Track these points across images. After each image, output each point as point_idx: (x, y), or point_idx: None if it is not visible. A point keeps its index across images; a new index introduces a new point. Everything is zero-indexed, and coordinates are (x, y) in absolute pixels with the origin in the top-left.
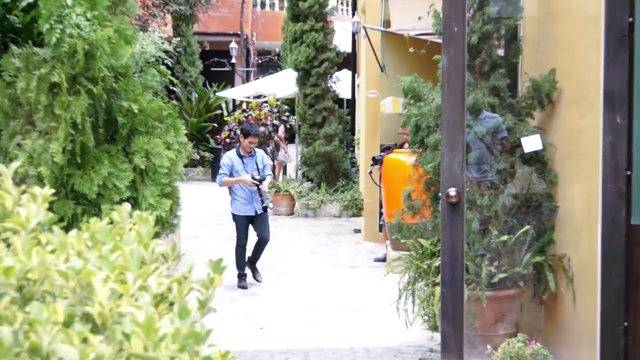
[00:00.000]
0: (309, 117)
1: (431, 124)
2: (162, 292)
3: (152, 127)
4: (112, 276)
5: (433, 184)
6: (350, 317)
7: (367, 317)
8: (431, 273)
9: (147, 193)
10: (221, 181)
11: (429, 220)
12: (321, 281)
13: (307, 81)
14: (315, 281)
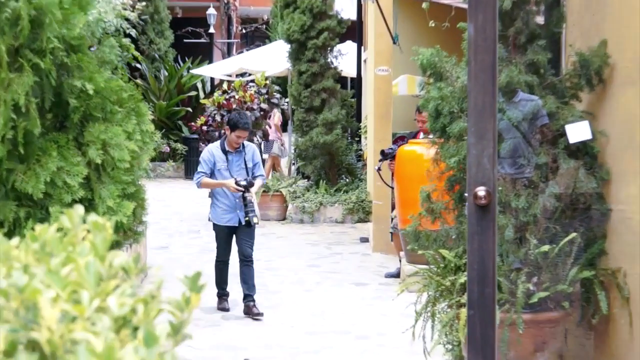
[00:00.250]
0: (305, 100)
1: (455, 109)
2: (124, 315)
3: (111, 112)
4: (63, 295)
5: (457, 182)
6: (356, 346)
7: (376, 345)
8: (455, 291)
9: (105, 193)
10: (199, 182)
11: (452, 227)
12: (320, 302)
13: (302, 56)
14: (313, 302)
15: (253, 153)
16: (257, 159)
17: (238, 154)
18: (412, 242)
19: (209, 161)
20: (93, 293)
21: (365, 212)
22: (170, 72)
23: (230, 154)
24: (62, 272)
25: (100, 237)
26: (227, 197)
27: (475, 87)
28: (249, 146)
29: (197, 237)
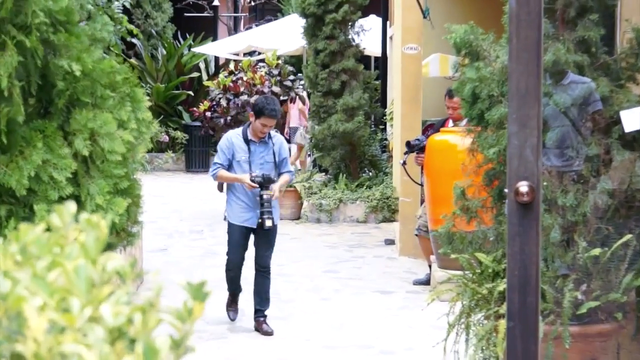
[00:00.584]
0: (322, 83)
1: (494, 92)
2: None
3: (101, 97)
4: (51, 303)
5: (497, 176)
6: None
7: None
8: (493, 301)
9: (93, 189)
10: (215, 174)
11: (490, 228)
12: (339, 312)
13: (319, 32)
14: (331, 312)
15: (280, 146)
16: (284, 154)
17: (263, 145)
18: (445, 244)
19: (228, 150)
20: (84, 301)
21: (390, 210)
22: (169, 51)
23: (254, 143)
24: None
25: (92, 237)
26: (246, 193)
27: (517, 68)
28: (276, 137)
29: (199, 238)
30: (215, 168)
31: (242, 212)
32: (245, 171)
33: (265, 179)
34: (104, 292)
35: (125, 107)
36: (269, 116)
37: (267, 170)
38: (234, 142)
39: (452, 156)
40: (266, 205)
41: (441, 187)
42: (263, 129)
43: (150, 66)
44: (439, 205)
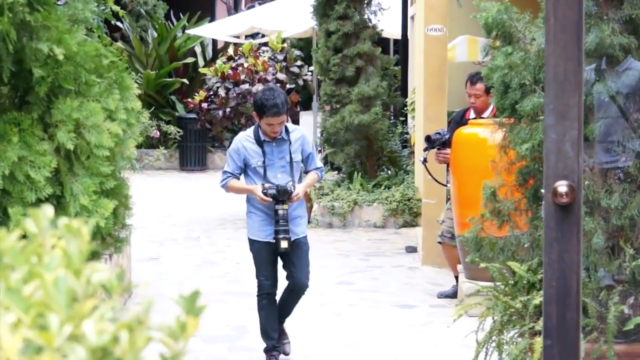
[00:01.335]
0: (334, 69)
1: (528, 80)
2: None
3: (86, 84)
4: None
5: (531, 174)
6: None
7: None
8: (528, 316)
9: (77, 188)
10: (225, 185)
11: (524, 233)
12: (354, 329)
13: (330, 11)
14: (345, 329)
15: (302, 141)
16: (308, 149)
17: (279, 143)
18: (472, 252)
19: (238, 157)
20: (64, 317)
21: (412, 213)
22: (161, 33)
23: (268, 144)
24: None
25: (74, 244)
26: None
27: (555, 52)
28: (295, 131)
29: (195, 245)
30: (224, 178)
31: (264, 226)
32: (261, 179)
33: (280, 190)
34: (86, 307)
35: (112, 94)
36: (272, 114)
37: (290, 172)
38: (245, 146)
39: (481, 152)
40: (281, 223)
41: (469, 186)
42: (272, 129)
43: (138, 50)
44: (466, 207)
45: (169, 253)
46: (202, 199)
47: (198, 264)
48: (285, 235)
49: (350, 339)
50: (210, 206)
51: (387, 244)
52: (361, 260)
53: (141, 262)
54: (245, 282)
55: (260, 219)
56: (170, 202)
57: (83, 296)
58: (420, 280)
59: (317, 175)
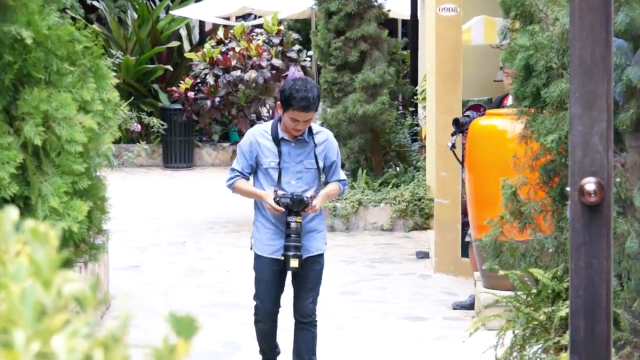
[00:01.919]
0: (336, 54)
1: (554, 63)
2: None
3: (58, 73)
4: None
5: (556, 171)
6: None
7: None
8: (553, 329)
9: (47, 189)
10: (232, 185)
11: (549, 236)
12: (359, 343)
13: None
14: (349, 344)
15: (327, 145)
16: (332, 156)
17: (300, 145)
18: (491, 258)
19: (250, 154)
20: (31, 333)
21: (423, 215)
22: (142, 14)
23: (287, 144)
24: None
25: (42, 252)
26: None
27: (581, 34)
28: (320, 133)
29: (181, 251)
30: (232, 177)
31: (272, 240)
32: (273, 183)
33: (295, 200)
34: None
35: (87, 84)
36: (300, 108)
37: (308, 180)
38: (260, 142)
39: (500, 146)
40: (293, 237)
41: (486, 185)
42: (296, 126)
43: (117, 33)
44: (483, 208)
45: (151, 260)
46: (189, 200)
47: (184, 273)
48: (297, 252)
49: (355, 356)
50: (197, 208)
51: (396, 249)
52: (367, 267)
53: (120, 270)
54: (236, 293)
55: (269, 231)
56: (152, 204)
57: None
58: (433, 290)
59: (339, 188)
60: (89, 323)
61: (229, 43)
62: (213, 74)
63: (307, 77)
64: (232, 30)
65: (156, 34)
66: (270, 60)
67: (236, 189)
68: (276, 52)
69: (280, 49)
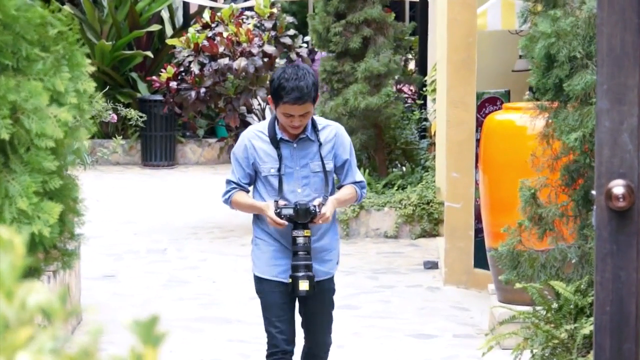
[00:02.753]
0: (336, 39)
1: (579, 53)
2: None
3: (27, 59)
4: None
5: (580, 172)
6: None
7: None
8: (575, 348)
9: (14, 188)
10: (229, 199)
11: (571, 245)
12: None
13: None
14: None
15: (336, 142)
16: (344, 154)
17: (303, 145)
18: (508, 269)
19: (245, 160)
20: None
21: (432, 220)
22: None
23: (287, 145)
24: None
25: (6, 259)
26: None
27: (609, 19)
28: (327, 128)
29: (161, 260)
30: (227, 190)
31: (277, 259)
32: (275, 193)
33: (300, 210)
34: (21, 337)
35: (61, 72)
36: (292, 100)
37: (317, 187)
38: (255, 146)
39: (518, 144)
40: (301, 255)
41: (502, 187)
42: (291, 123)
43: (90, 16)
44: (499, 213)
45: (129, 269)
46: (170, 202)
47: (165, 283)
48: (307, 272)
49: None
50: (180, 211)
51: (401, 259)
52: (369, 278)
53: (93, 280)
54: (223, 306)
55: (272, 249)
56: (130, 206)
57: (16, 323)
58: (442, 304)
59: (355, 192)
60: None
61: (216, 27)
62: (198, 62)
63: (300, 64)
64: (219, 13)
65: (135, 17)
66: (262, 47)
67: (234, 203)
68: (269, 37)
69: (273, 34)
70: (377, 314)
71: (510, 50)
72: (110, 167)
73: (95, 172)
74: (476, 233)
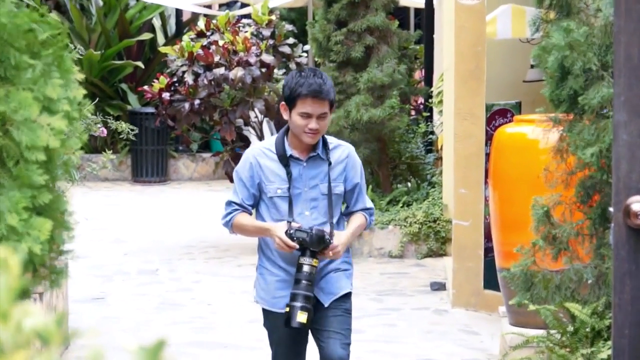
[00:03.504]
0: (337, 48)
1: (594, 64)
2: None
3: (16, 68)
4: None
5: (596, 188)
6: None
7: None
8: None
9: (4, 205)
10: (230, 222)
11: (587, 265)
12: None
13: None
14: None
15: (348, 164)
16: (355, 177)
17: (314, 164)
18: (520, 291)
19: (250, 180)
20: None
21: (439, 239)
22: (108, 1)
23: (297, 163)
24: None
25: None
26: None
27: (627, 27)
28: (338, 148)
29: (153, 281)
30: (229, 212)
31: (281, 290)
32: (279, 216)
33: (314, 237)
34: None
35: (51, 79)
36: (311, 94)
37: (323, 211)
38: (262, 164)
39: (530, 158)
40: (304, 285)
41: (515, 203)
42: (308, 125)
43: (78, 24)
44: (510, 231)
45: (118, 291)
46: (162, 220)
47: (156, 306)
48: (305, 304)
49: None
50: (172, 229)
51: (407, 280)
52: (372, 300)
53: (81, 303)
54: (219, 330)
55: (276, 280)
56: (119, 224)
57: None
58: (450, 328)
59: (364, 221)
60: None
61: (211, 35)
62: (192, 72)
63: (310, 67)
64: (214, 20)
65: (125, 25)
66: (260, 56)
67: (235, 227)
68: (267, 46)
69: (271, 42)
70: (382, 338)
71: (521, 59)
72: (99, 183)
73: (83, 189)
74: (486, 252)
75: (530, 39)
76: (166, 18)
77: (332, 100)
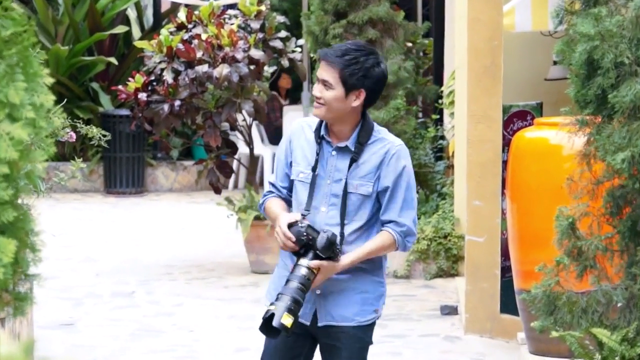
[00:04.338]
0: (335, 43)
1: (625, 58)
2: None
3: None
4: None
5: (627, 199)
6: None
7: None
8: None
9: None
10: (263, 205)
11: (617, 285)
12: None
13: None
14: None
15: (384, 160)
16: (387, 179)
17: (343, 155)
18: (543, 315)
19: (285, 159)
20: None
21: (450, 257)
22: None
23: (327, 146)
24: None
25: None
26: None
27: None
28: (380, 142)
29: (129, 304)
30: (265, 194)
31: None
32: (299, 205)
33: (326, 241)
34: None
35: (15, 82)
36: (322, 57)
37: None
38: (296, 144)
39: (553, 166)
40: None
41: (535, 217)
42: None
43: (43, 15)
44: (531, 247)
45: (90, 316)
46: (139, 236)
47: (133, 333)
48: (292, 306)
49: None
50: (150, 247)
51: (414, 303)
52: (376, 326)
53: (48, 329)
54: (203, 359)
55: (283, 279)
56: (91, 241)
57: None
58: (462, 356)
59: (393, 241)
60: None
61: (194, 28)
62: (172, 70)
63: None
64: (197, 11)
65: (96, 17)
66: (248, 52)
67: (266, 210)
68: (256, 40)
69: (261, 36)
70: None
71: (542, 55)
72: (68, 194)
73: (50, 201)
74: (503, 272)
75: (552, 32)
76: (142, 9)
77: (344, 76)
